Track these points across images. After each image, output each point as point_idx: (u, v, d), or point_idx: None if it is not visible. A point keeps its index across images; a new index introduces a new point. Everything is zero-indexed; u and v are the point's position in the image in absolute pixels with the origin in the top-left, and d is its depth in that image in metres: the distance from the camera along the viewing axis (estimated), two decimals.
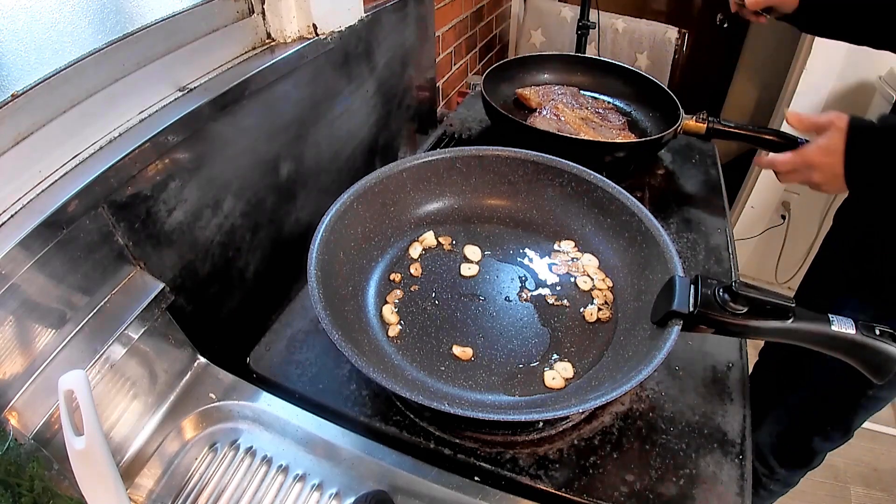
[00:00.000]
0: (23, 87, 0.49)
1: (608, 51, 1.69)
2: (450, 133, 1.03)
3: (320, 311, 0.50)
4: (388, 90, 1.03)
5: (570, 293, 0.64)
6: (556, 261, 0.68)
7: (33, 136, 0.50)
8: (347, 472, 0.51)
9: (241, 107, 0.67)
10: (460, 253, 0.69)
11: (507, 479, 0.51)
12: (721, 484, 0.51)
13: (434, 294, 0.64)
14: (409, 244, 0.69)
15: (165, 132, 0.56)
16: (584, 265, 0.66)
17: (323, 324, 0.48)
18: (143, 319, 0.53)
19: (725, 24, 1.91)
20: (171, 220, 0.60)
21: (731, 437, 0.54)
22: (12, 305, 0.44)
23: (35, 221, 0.45)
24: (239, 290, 0.74)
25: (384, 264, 0.67)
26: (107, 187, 0.51)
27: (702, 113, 0.92)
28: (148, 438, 0.52)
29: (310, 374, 0.59)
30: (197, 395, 0.56)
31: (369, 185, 0.65)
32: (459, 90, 1.57)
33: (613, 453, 0.53)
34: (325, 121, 0.85)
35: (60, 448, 0.44)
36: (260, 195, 0.75)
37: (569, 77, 1.12)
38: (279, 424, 0.54)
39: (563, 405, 0.47)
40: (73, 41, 0.54)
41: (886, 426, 1.59)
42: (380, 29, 0.93)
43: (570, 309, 0.62)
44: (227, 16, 0.70)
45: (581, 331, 0.60)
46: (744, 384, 0.60)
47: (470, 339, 0.59)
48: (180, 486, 0.50)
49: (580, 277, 0.65)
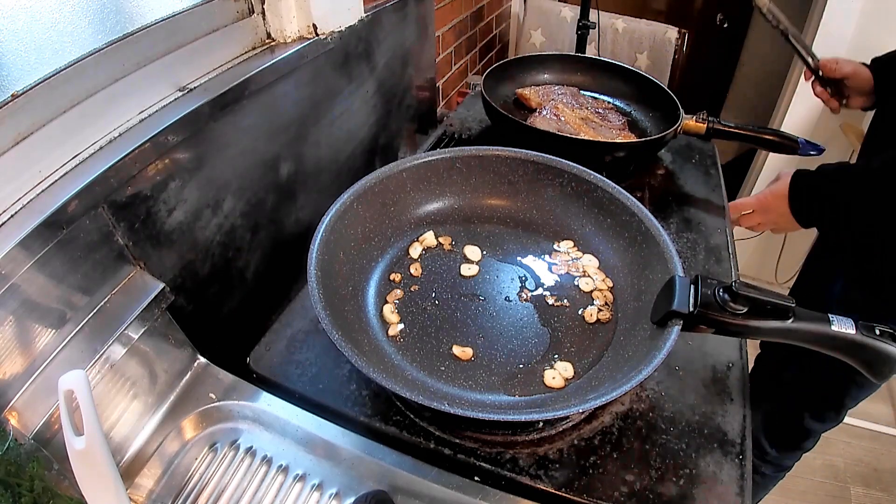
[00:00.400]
0: (23, 87, 0.49)
1: (608, 51, 1.69)
2: (450, 133, 1.03)
3: (320, 311, 0.50)
4: (388, 90, 1.03)
5: (571, 293, 0.64)
6: (556, 261, 0.68)
7: (33, 136, 0.50)
8: (347, 472, 0.51)
9: (241, 107, 0.67)
10: (460, 253, 0.69)
11: (507, 479, 0.51)
12: (721, 484, 0.51)
13: (434, 294, 0.64)
14: (410, 244, 0.69)
15: (165, 132, 0.56)
16: (584, 265, 0.66)
17: (323, 324, 0.48)
18: (143, 319, 0.53)
19: (725, 24, 1.91)
20: (171, 220, 0.60)
21: (731, 437, 0.54)
22: (12, 305, 0.44)
23: (35, 221, 0.45)
24: (239, 290, 0.74)
25: (384, 264, 0.67)
26: (107, 187, 0.51)
27: (702, 113, 0.92)
28: (148, 438, 0.52)
29: (310, 374, 0.59)
30: (197, 395, 0.56)
31: (369, 185, 0.65)
32: (459, 90, 1.57)
33: (613, 453, 0.53)
34: (325, 121, 0.85)
35: (60, 448, 0.44)
36: (260, 195, 0.75)
37: (569, 77, 1.12)
38: (279, 424, 0.54)
39: (564, 405, 0.47)
40: (73, 41, 0.54)
41: (887, 426, 1.59)
42: (380, 29, 0.93)
43: (570, 309, 0.62)
44: (227, 16, 0.70)
45: (581, 331, 0.60)
46: (744, 384, 0.60)
47: (470, 338, 0.59)
48: (180, 486, 0.50)
49: (581, 279, 0.65)
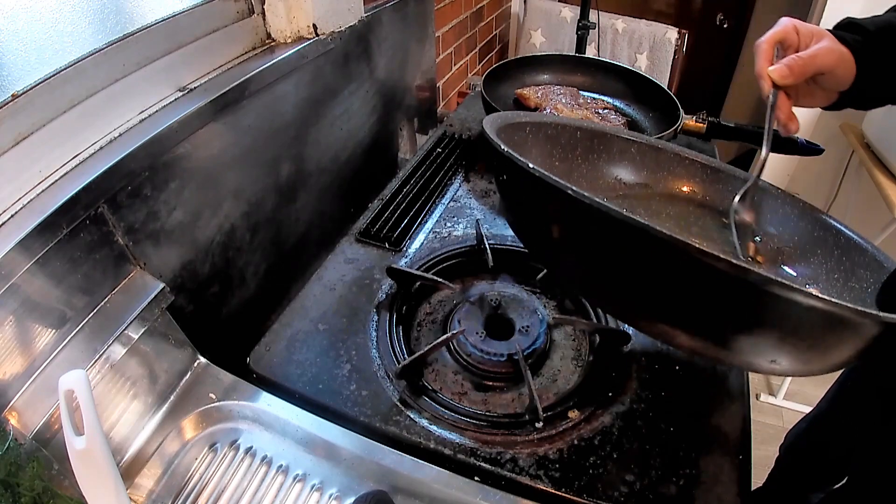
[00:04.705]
0: (23, 87, 0.49)
1: (608, 51, 1.69)
2: (450, 133, 1.03)
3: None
4: (388, 90, 1.03)
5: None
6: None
7: (33, 136, 0.50)
8: (347, 473, 0.51)
9: (241, 107, 0.67)
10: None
11: (507, 479, 0.51)
12: (721, 484, 0.51)
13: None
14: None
15: (165, 132, 0.56)
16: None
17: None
18: (143, 319, 0.53)
19: (725, 24, 1.91)
20: (171, 220, 0.60)
21: (732, 437, 0.54)
22: (12, 305, 0.44)
23: (35, 221, 0.45)
24: (239, 290, 0.74)
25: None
26: (107, 187, 0.51)
27: (702, 113, 0.92)
28: (148, 438, 0.52)
29: (310, 374, 0.59)
30: (197, 395, 0.56)
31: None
32: (459, 90, 1.57)
33: (613, 453, 0.53)
34: (325, 121, 0.85)
35: (60, 448, 0.44)
36: (260, 195, 0.75)
37: (568, 77, 1.12)
38: (279, 424, 0.54)
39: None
40: (74, 41, 0.54)
41: None
42: (380, 29, 0.93)
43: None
44: (227, 16, 0.71)
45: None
46: (744, 384, 0.60)
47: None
48: (180, 486, 0.50)
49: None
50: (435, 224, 0.81)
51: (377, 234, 0.77)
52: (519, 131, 0.59)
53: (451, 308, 0.68)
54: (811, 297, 0.34)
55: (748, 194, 0.61)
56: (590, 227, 0.42)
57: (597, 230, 0.42)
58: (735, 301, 0.38)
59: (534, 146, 0.61)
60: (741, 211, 0.61)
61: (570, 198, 0.39)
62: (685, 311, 0.42)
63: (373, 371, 0.59)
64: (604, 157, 0.67)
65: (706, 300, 0.39)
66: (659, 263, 0.39)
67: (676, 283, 0.40)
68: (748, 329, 0.40)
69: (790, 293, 0.34)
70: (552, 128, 0.63)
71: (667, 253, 0.37)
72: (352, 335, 0.63)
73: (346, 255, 0.75)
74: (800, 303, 0.35)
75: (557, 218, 0.46)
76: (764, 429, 1.46)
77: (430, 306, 0.69)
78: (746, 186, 0.61)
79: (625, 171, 0.68)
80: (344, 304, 0.67)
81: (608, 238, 0.41)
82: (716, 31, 1.94)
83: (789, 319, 0.37)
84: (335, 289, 0.69)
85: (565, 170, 0.64)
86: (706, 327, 0.42)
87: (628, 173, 0.68)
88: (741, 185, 0.62)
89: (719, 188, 0.67)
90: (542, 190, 0.42)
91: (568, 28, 1.71)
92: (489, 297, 0.66)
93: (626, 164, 0.68)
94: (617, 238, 0.40)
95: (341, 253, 0.75)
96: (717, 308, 0.39)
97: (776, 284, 0.34)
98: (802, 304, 0.35)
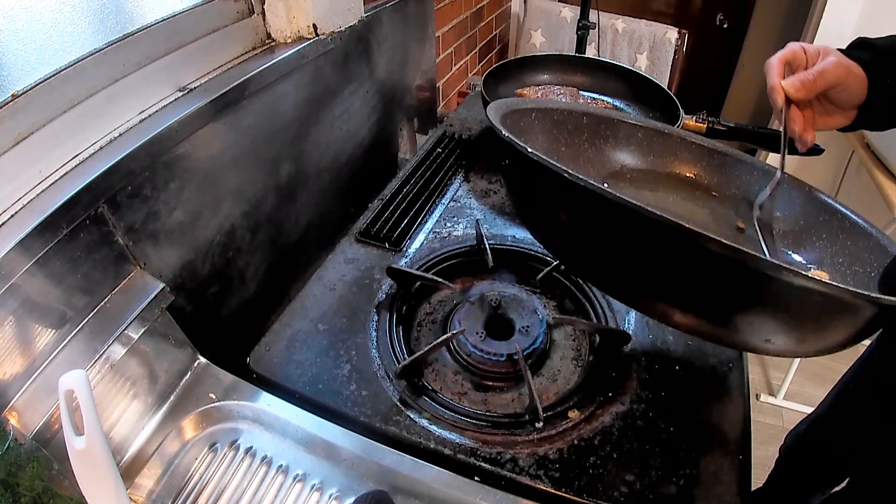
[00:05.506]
0: (23, 87, 0.49)
1: (608, 51, 1.69)
2: (450, 133, 1.03)
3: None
4: (388, 90, 1.03)
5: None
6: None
7: (33, 136, 0.50)
8: (347, 473, 0.51)
9: (241, 107, 0.67)
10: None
11: (507, 479, 0.51)
12: (721, 484, 0.51)
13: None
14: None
15: (165, 132, 0.56)
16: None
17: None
18: (143, 319, 0.53)
19: (725, 25, 1.91)
20: (171, 220, 0.60)
21: (732, 437, 0.54)
22: (12, 305, 0.44)
23: (35, 221, 0.45)
24: (239, 290, 0.74)
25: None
26: (107, 187, 0.51)
27: (702, 113, 0.92)
28: (148, 438, 0.52)
29: (310, 374, 0.59)
30: (197, 395, 0.56)
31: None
32: (459, 90, 1.57)
33: (613, 453, 0.53)
34: (325, 121, 0.85)
35: (60, 448, 0.44)
36: (260, 195, 0.75)
37: (568, 77, 1.12)
38: (279, 424, 0.54)
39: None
40: (74, 41, 0.54)
41: None
42: (380, 29, 0.93)
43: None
44: (227, 16, 0.71)
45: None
46: (744, 384, 0.60)
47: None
48: (180, 486, 0.50)
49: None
50: (435, 224, 0.81)
51: (377, 234, 0.77)
52: (525, 117, 0.59)
53: (451, 308, 0.68)
54: (807, 279, 0.35)
55: (771, 195, 0.62)
56: (587, 209, 0.43)
57: (594, 212, 0.43)
58: (731, 282, 0.38)
59: (540, 132, 0.61)
60: (763, 209, 0.62)
61: (568, 181, 0.40)
62: (684, 292, 0.43)
63: (373, 371, 0.59)
64: (610, 142, 0.67)
65: (703, 281, 0.40)
66: (654, 245, 0.40)
67: (673, 264, 0.40)
68: (746, 309, 0.41)
69: (786, 275, 0.35)
70: (559, 113, 0.63)
71: (662, 235, 0.38)
72: (352, 335, 0.63)
73: (346, 255, 0.75)
74: (795, 284, 0.35)
75: (556, 200, 0.47)
76: (764, 429, 1.46)
77: (430, 306, 0.69)
78: (770, 189, 0.62)
79: (631, 155, 0.68)
80: (344, 304, 0.67)
81: (605, 220, 0.42)
82: (716, 31, 1.94)
83: (785, 301, 0.38)
84: (335, 289, 0.69)
85: (572, 154, 0.64)
86: (705, 307, 0.43)
87: (635, 158, 0.68)
88: (748, 168, 0.64)
89: (726, 172, 0.68)
90: (540, 173, 0.44)
91: (568, 28, 1.71)
92: (489, 297, 0.66)
93: (632, 149, 0.68)
94: (613, 220, 0.41)
95: (341, 253, 0.75)
96: (714, 289, 0.40)
97: (770, 266, 0.35)
98: (797, 285, 0.36)
